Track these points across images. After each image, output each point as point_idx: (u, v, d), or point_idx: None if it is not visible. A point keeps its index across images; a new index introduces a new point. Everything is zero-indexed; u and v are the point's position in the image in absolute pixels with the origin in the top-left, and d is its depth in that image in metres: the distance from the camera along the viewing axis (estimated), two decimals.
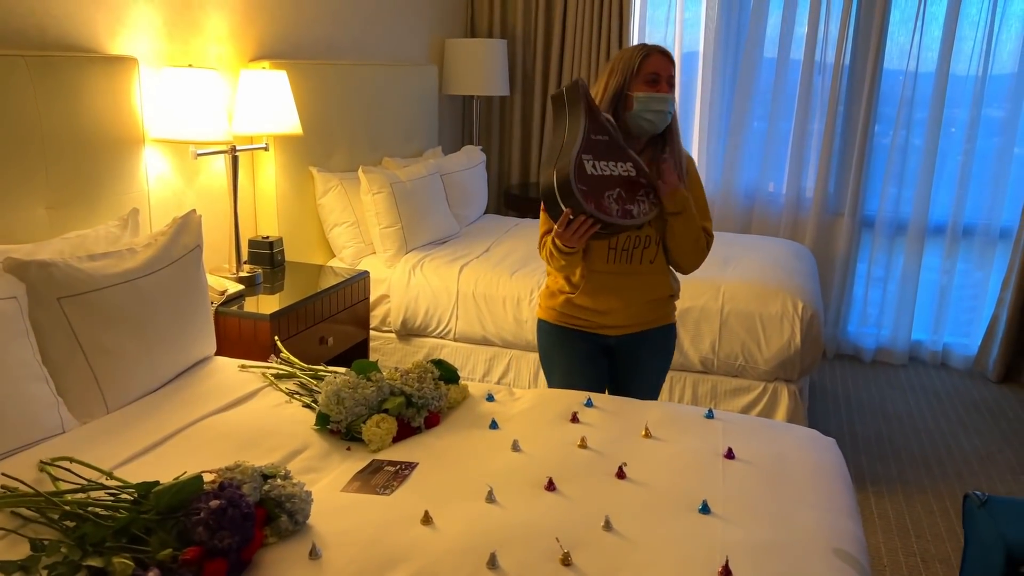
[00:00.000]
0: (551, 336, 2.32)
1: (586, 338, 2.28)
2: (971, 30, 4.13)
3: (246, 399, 2.11)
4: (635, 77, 2.11)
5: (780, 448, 1.86)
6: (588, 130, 2.02)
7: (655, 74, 2.10)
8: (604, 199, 1.98)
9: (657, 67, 2.10)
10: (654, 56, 2.11)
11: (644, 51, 2.12)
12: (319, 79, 3.46)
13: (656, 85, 2.11)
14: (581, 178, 1.96)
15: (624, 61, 2.13)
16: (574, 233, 1.98)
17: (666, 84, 2.11)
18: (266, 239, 3.15)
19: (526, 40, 4.91)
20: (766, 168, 4.59)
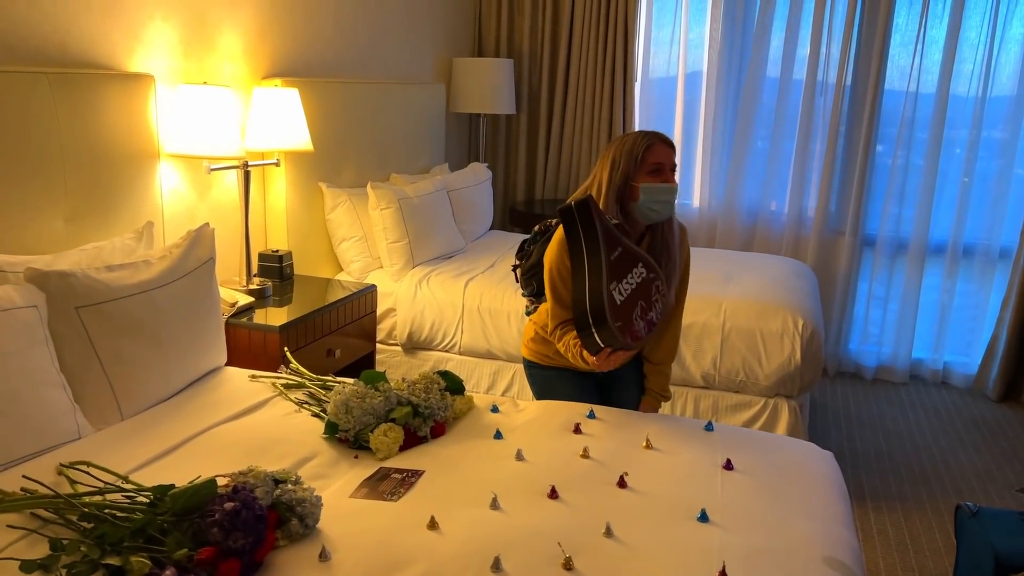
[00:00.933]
0: (548, 380, 2.39)
1: (579, 374, 2.37)
2: (971, 52, 4.20)
3: (256, 408, 2.16)
4: (639, 168, 2.12)
5: (777, 460, 1.91)
6: (607, 253, 1.98)
7: (659, 164, 2.12)
8: (634, 323, 2.01)
9: (660, 157, 2.12)
10: (657, 146, 2.12)
11: (647, 141, 2.12)
12: (329, 96, 3.53)
13: (661, 175, 2.12)
14: (615, 313, 1.97)
15: (627, 152, 2.13)
16: (612, 362, 2.02)
17: (670, 172, 2.14)
18: (276, 253, 3.21)
19: (532, 59, 4.99)
20: (768, 187, 4.65)
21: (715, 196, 4.78)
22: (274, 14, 3.27)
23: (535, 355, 2.40)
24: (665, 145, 2.14)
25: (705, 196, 4.80)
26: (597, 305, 1.95)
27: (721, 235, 4.75)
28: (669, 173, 2.13)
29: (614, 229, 2.03)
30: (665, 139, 2.15)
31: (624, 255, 2.03)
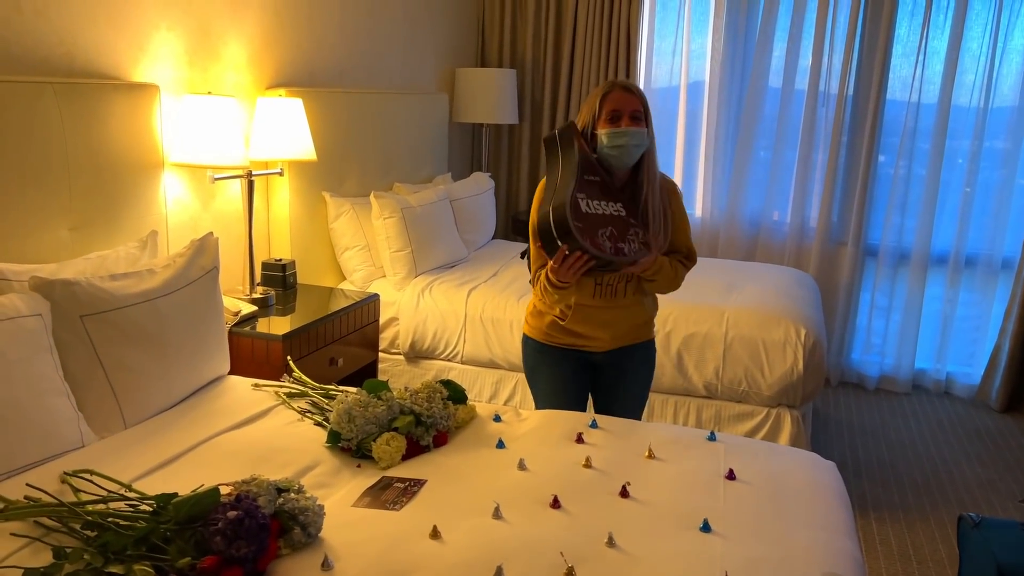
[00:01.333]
0: (538, 353, 2.41)
1: (571, 355, 2.38)
2: (972, 63, 4.21)
3: (259, 417, 2.16)
4: (599, 117, 2.16)
5: (780, 470, 1.91)
6: (581, 170, 2.10)
7: (615, 111, 2.15)
8: (598, 236, 2.06)
9: (616, 104, 2.15)
10: (613, 93, 2.16)
11: (605, 88, 2.17)
12: (333, 106, 3.55)
13: (617, 122, 2.15)
14: (576, 215, 2.04)
15: (588, 101, 2.20)
16: (569, 268, 2.06)
17: (628, 119, 2.14)
18: (279, 262, 3.21)
19: (535, 70, 5.01)
20: (771, 197, 4.66)
21: (718, 206, 4.79)
22: (278, 24, 3.29)
23: (529, 328, 2.42)
24: (623, 92, 2.15)
25: (708, 206, 4.81)
26: (560, 201, 2.04)
27: (724, 245, 4.75)
28: (627, 119, 2.14)
29: (597, 163, 2.12)
30: (625, 86, 2.17)
31: (602, 184, 2.13)
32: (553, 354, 2.39)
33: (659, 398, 3.29)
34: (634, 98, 2.15)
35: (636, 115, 2.15)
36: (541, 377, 2.42)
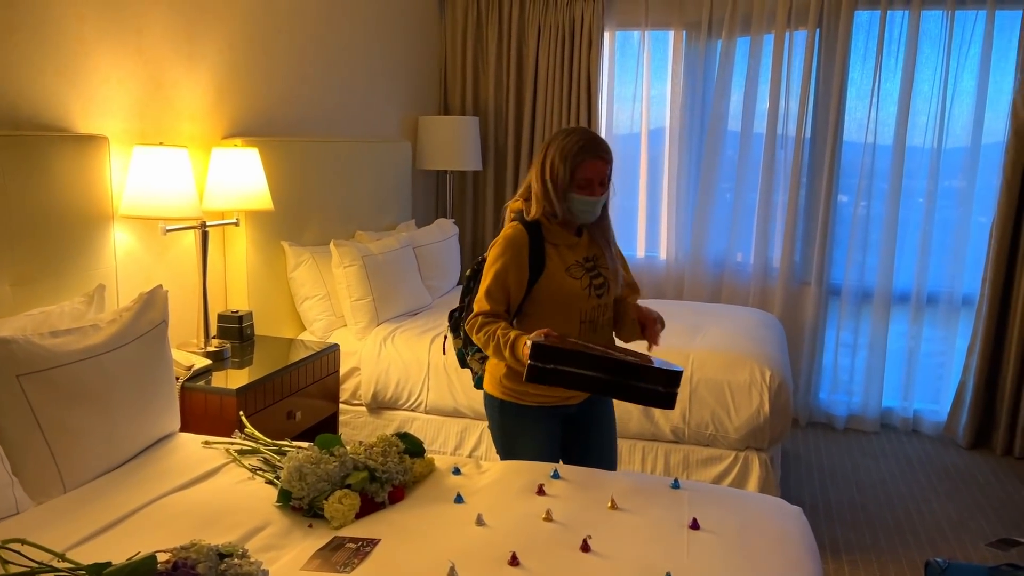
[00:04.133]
0: (517, 418, 2.30)
1: (550, 414, 2.30)
2: (924, 104, 4.29)
3: (208, 476, 2.08)
4: (571, 180, 2.16)
5: (745, 517, 1.86)
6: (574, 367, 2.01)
7: (588, 180, 2.16)
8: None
9: (591, 173, 2.16)
10: (588, 163, 2.15)
11: (578, 150, 2.14)
12: (292, 155, 3.51)
13: (588, 189, 2.17)
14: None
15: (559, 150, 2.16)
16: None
17: (599, 186, 2.19)
18: (235, 313, 3.15)
19: (498, 117, 5.03)
20: (734, 238, 4.68)
21: (682, 249, 4.80)
22: (234, 74, 3.26)
23: (508, 392, 2.27)
24: (598, 160, 2.16)
25: (672, 249, 4.82)
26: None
27: (689, 287, 4.76)
28: (597, 187, 2.18)
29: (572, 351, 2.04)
30: (598, 152, 2.16)
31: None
32: (535, 415, 2.28)
33: (626, 444, 3.24)
34: (605, 165, 2.18)
35: (604, 182, 2.20)
36: (524, 442, 2.29)
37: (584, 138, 2.17)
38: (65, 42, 2.48)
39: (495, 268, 2.22)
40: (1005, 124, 4.10)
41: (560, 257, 2.24)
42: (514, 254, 2.21)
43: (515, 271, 2.21)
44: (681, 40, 4.70)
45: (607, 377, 1.96)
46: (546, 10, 4.74)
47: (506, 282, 2.21)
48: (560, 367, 1.95)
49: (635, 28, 4.78)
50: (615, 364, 1.97)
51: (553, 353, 1.95)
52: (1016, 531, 3.36)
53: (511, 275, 2.21)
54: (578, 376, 1.96)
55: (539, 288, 2.24)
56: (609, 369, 1.97)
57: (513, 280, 2.21)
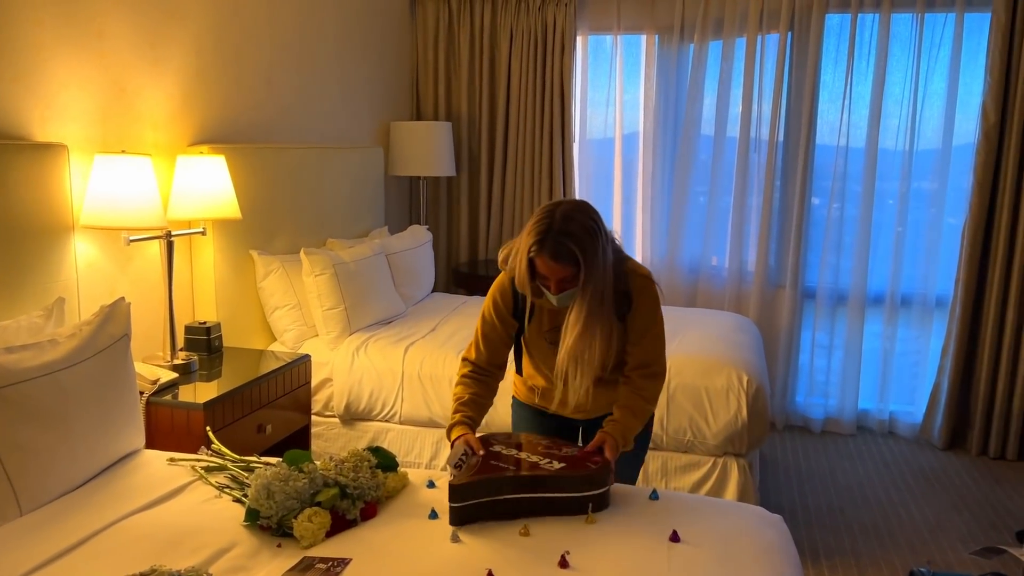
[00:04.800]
0: (519, 412, 2.37)
1: (554, 418, 2.30)
2: (896, 107, 4.30)
3: (173, 495, 2.01)
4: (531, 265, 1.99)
5: (726, 529, 1.83)
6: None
7: (544, 277, 1.99)
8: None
9: (543, 270, 1.97)
10: (538, 260, 1.96)
11: (531, 253, 1.96)
12: (261, 162, 3.44)
13: (546, 283, 2.00)
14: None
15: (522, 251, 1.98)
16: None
17: (555, 285, 1.98)
18: (203, 325, 3.07)
19: (471, 122, 4.99)
20: (708, 242, 4.67)
21: (657, 254, 4.78)
22: (200, 81, 3.19)
23: (514, 387, 2.38)
24: (549, 258, 1.93)
25: (647, 254, 4.80)
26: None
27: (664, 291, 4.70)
28: (554, 287, 1.98)
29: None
30: (552, 251, 1.92)
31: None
32: (535, 415, 2.33)
33: None
34: (561, 267, 1.94)
35: (565, 281, 1.97)
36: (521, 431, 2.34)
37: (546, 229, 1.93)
38: (22, 47, 2.40)
39: (480, 314, 2.22)
40: (975, 126, 4.12)
41: (540, 319, 2.15)
42: (493, 304, 2.18)
43: (491, 322, 2.18)
44: (654, 44, 4.68)
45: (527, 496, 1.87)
46: (518, 14, 4.71)
47: (483, 331, 2.20)
48: (480, 499, 1.85)
49: (607, 32, 4.76)
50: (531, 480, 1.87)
51: (468, 490, 1.84)
52: (993, 532, 3.36)
53: (487, 325, 2.19)
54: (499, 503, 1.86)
55: (525, 339, 2.22)
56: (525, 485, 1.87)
57: (489, 330, 2.19)
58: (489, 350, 2.20)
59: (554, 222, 1.94)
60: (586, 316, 1.99)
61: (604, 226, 2.02)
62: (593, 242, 1.95)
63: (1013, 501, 3.66)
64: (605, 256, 1.98)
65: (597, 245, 1.95)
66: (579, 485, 1.87)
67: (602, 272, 1.97)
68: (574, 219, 1.95)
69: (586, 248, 1.93)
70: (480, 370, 2.22)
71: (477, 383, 2.20)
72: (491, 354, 2.21)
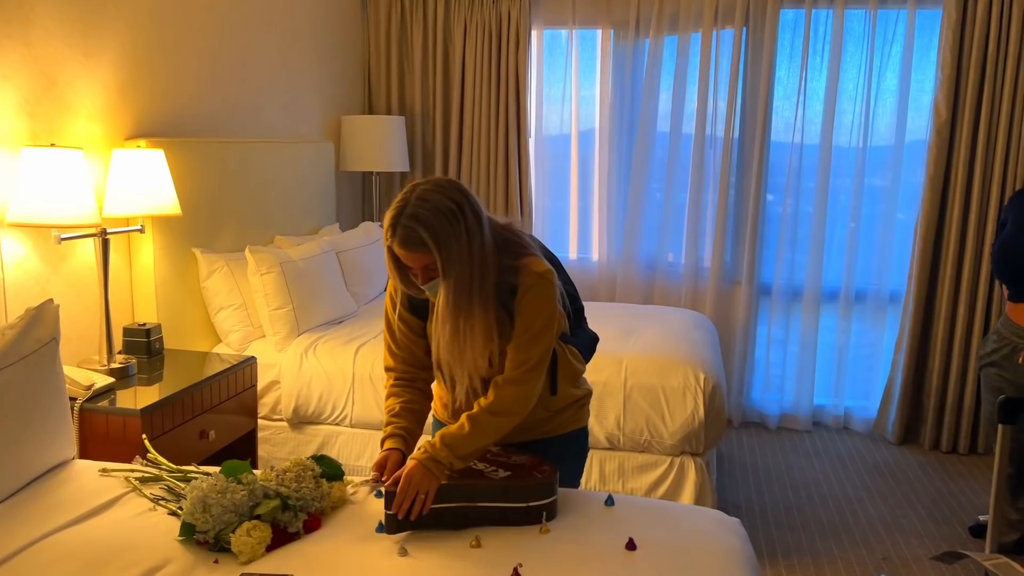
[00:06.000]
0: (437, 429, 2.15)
1: None
2: (850, 103, 4.32)
3: (104, 508, 1.89)
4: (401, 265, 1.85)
5: (683, 534, 1.77)
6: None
7: (408, 266, 1.83)
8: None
9: (403, 259, 1.81)
10: (395, 247, 1.79)
11: (386, 241, 1.80)
12: (204, 157, 3.31)
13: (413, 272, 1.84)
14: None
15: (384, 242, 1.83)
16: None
17: (422, 274, 1.81)
18: (143, 326, 2.94)
19: (425, 116, 4.89)
20: (665, 239, 4.64)
21: (613, 250, 4.74)
22: (136, 72, 3.05)
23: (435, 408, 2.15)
24: (399, 245, 1.76)
25: (603, 250, 4.75)
26: None
27: (621, 288, 4.70)
28: (420, 275, 1.81)
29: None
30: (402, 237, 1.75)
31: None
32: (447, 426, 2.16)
33: None
34: (414, 255, 1.76)
35: (429, 268, 1.80)
36: None
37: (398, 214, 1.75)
38: None
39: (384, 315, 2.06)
40: (927, 122, 4.15)
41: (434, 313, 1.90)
42: (389, 301, 2.01)
43: (393, 320, 2.00)
44: (609, 39, 4.64)
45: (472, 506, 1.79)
46: (472, 7, 4.62)
47: (389, 332, 2.03)
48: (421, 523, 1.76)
49: (562, 27, 4.70)
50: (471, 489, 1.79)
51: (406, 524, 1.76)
52: (946, 527, 3.38)
53: (390, 325, 2.01)
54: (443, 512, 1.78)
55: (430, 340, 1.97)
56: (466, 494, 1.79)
57: (394, 330, 2.01)
58: (404, 350, 2.02)
59: (407, 205, 1.75)
60: (452, 308, 1.80)
61: (473, 208, 1.80)
62: (450, 226, 1.74)
63: (965, 495, 3.69)
64: (471, 240, 1.77)
65: (456, 229, 1.75)
66: (525, 494, 1.80)
67: (467, 260, 1.77)
68: (428, 200, 1.75)
69: (439, 232, 1.73)
70: (404, 377, 2.04)
71: (406, 390, 2.02)
72: (407, 354, 2.02)
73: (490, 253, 1.83)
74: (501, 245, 1.88)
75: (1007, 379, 2.84)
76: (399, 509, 1.73)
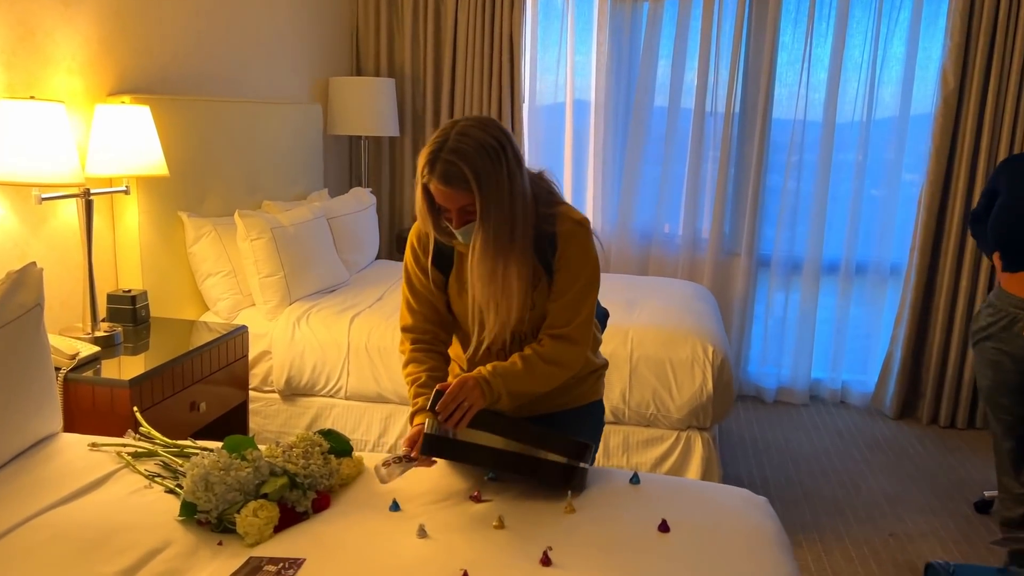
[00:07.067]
0: None
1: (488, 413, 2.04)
2: (855, 71, 4.21)
3: (96, 486, 1.77)
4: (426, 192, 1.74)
5: (714, 515, 1.68)
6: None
7: (442, 206, 1.73)
8: None
9: (439, 199, 1.71)
10: (432, 185, 1.69)
11: (423, 178, 1.70)
12: (190, 117, 3.15)
13: (447, 214, 1.74)
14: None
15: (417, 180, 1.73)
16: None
17: (457, 216, 1.71)
18: (128, 293, 2.79)
19: (415, 79, 4.73)
20: (661, 210, 4.54)
21: (608, 220, 4.63)
22: (119, 24, 2.87)
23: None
24: (439, 181, 1.66)
25: (598, 220, 4.64)
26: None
27: (616, 259, 4.60)
28: (456, 217, 1.71)
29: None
30: (442, 173, 1.65)
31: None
32: None
33: None
34: (454, 193, 1.66)
35: (466, 211, 1.71)
36: None
37: (438, 148, 1.66)
38: None
39: (403, 269, 1.95)
40: (934, 91, 4.06)
41: (460, 267, 1.84)
42: (411, 252, 1.91)
43: (414, 274, 1.91)
44: (606, 2, 4.48)
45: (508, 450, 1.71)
46: None
47: (410, 287, 1.93)
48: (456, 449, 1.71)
49: None
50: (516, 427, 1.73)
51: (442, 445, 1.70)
52: (950, 503, 3.34)
53: (411, 279, 1.92)
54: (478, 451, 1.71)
55: (449, 299, 1.91)
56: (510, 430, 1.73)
57: (416, 285, 1.91)
58: (424, 305, 1.91)
59: (448, 139, 1.66)
60: (491, 253, 1.69)
61: (515, 150, 1.72)
62: (492, 164, 1.66)
63: (966, 470, 3.66)
64: (512, 183, 1.69)
65: (498, 168, 1.66)
66: (563, 447, 1.71)
67: (508, 201, 1.68)
68: (470, 136, 1.66)
69: (480, 170, 1.64)
70: (425, 338, 1.92)
71: (428, 354, 1.91)
72: (428, 310, 1.91)
73: (529, 198, 1.75)
74: (535, 192, 1.79)
75: (1005, 351, 2.77)
76: (444, 410, 1.68)
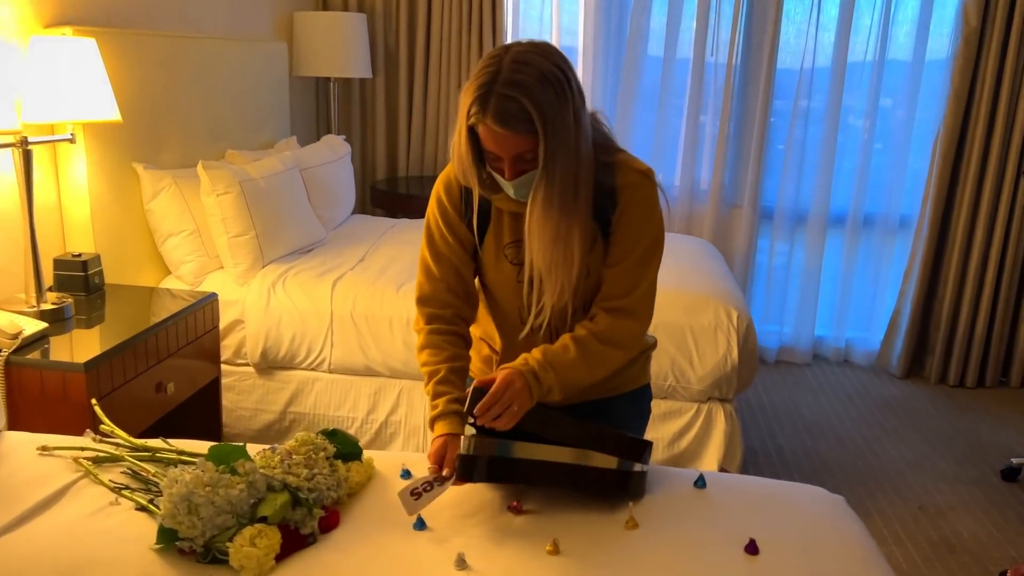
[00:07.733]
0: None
1: None
2: (868, 9, 3.91)
3: (49, 504, 1.45)
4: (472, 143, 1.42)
5: (799, 525, 1.42)
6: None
7: (492, 153, 1.40)
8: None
9: (489, 144, 1.39)
10: (483, 128, 1.37)
11: (472, 119, 1.37)
12: (141, 53, 2.75)
13: (496, 164, 1.42)
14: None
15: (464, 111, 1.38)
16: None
17: (511, 167, 1.40)
18: (77, 257, 2.43)
19: (387, 15, 4.31)
20: (657, 161, 4.22)
21: None
22: None
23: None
24: (495, 123, 1.34)
25: None
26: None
27: None
28: (509, 167, 1.40)
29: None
30: (499, 112, 1.33)
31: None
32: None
33: None
34: (513, 135, 1.35)
35: (522, 158, 1.39)
36: None
37: (490, 81, 1.34)
38: None
39: (424, 228, 1.61)
40: (951, 32, 3.79)
41: (499, 227, 1.55)
42: (438, 206, 1.58)
43: (439, 232, 1.58)
44: None
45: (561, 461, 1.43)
46: None
47: (432, 249, 1.59)
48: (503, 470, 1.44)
49: None
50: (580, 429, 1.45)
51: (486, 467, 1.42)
52: (973, 469, 3.17)
53: (434, 238, 1.59)
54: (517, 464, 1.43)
55: (479, 264, 1.61)
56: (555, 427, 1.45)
57: (440, 246, 1.58)
58: (448, 274, 1.59)
59: (502, 69, 1.34)
60: (559, 208, 1.39)
61: (579, 83, 1.40)
62: (556, 99, 1.34)
63: (982, 432, 3.50)
64: (579, 125, 1.39)
65: (564, 104, 1.35)
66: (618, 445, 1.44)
67: (575, 146, 1.38)
68: (529, 64, 1.34)
69: (545, 106, 1.33)
70: (444, 315, 1.60)
71: (447, 338, 1.59)
72: (453, 277, 1.59)
73: (588, 140, 1.42)
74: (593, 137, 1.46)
75: None
76: (484, 414, 1.38)
